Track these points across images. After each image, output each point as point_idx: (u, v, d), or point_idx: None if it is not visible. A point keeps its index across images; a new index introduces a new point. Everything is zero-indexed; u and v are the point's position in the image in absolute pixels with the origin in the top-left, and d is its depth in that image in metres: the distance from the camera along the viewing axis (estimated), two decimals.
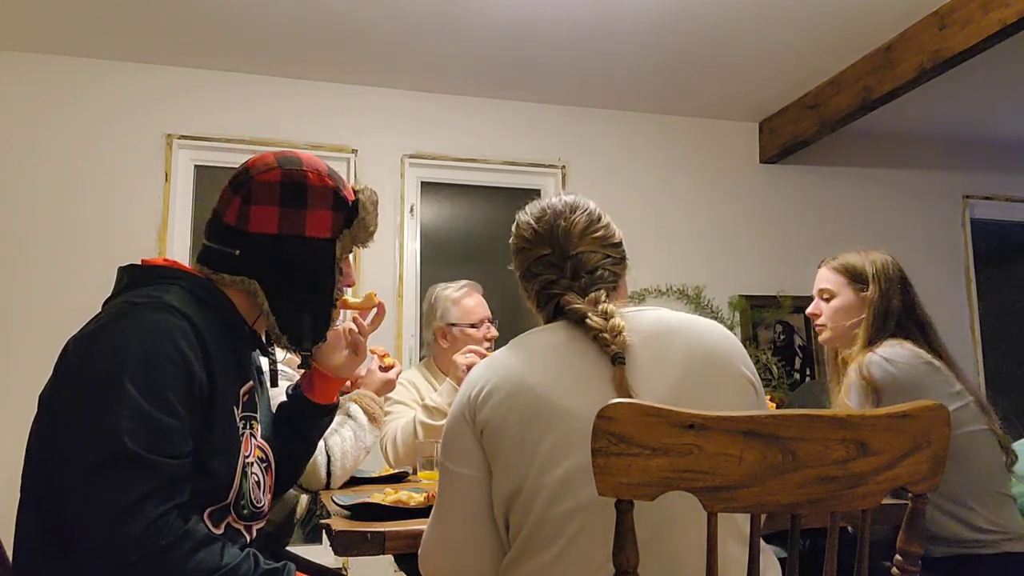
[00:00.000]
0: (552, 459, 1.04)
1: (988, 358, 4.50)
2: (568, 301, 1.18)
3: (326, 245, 1.32)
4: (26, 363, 3.22)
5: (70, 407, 1.10)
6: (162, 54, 3.50)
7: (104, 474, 1.04)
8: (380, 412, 1.91)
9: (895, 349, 1.87)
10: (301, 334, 1.32)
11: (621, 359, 1.08)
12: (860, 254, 2.06)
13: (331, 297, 1.34)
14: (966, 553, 1.76)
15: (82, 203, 3.43)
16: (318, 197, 1.31)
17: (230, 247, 1.28)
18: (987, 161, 4.70)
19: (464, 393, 1.15)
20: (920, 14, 3.19)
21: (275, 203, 1.28)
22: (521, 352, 1.16)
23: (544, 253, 1.24)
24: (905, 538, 1.01)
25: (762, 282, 4.18)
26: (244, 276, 1.28)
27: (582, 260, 1.22)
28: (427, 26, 3.25)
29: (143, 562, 1.03)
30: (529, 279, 1.27)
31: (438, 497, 1.17)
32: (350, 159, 3.78)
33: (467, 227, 4.09)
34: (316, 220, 1.30)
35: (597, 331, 1.11)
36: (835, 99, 3.73)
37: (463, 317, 2.51)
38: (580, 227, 1.24)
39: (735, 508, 0.87)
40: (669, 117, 4.24)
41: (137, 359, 1.09)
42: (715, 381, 1.11)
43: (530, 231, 1.26)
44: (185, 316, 1.17)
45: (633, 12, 3.15)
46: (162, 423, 1.08)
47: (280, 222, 1.28)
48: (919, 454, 0.94)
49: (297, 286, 1.31)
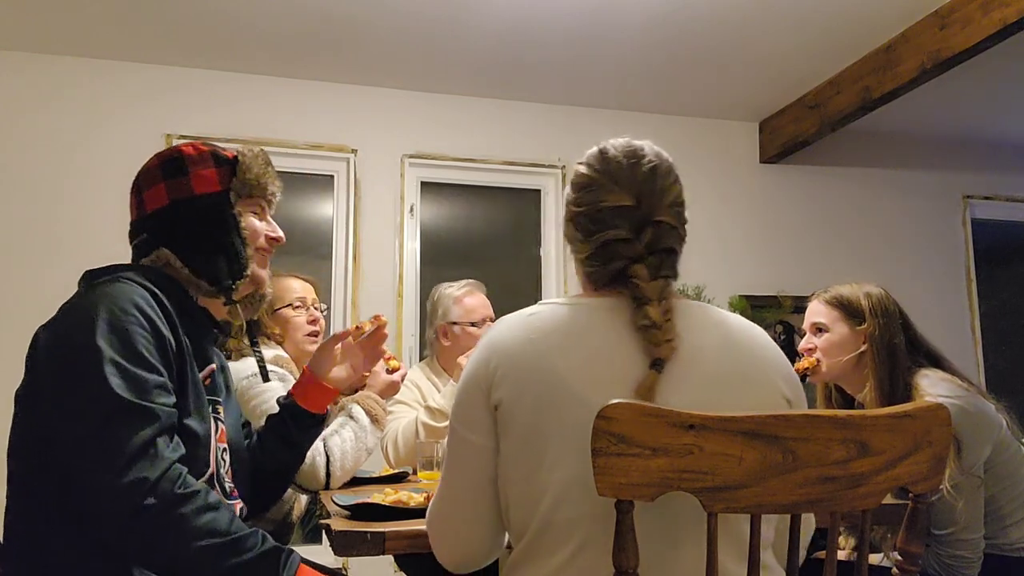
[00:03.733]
0: (560, 458, 0.98)
1: (988, 358, 4.50)
2: (636, 273, 1.04)
3: (218, 197, 1.38)
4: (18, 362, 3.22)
5: (55, 382, 1.13)
6: (161, 54, 3.50)
7: (108, 426, 1.07)
8: (383, 413, 1.90)
9: (938, 387, 1.81)
10: (219, 274, 1.36)
11: (660, 366, 0.98)
12: (853, 287, 1.99)
13: (239, 241, 1.38)
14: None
15: (81, 203, 3.42)
16: (195, 161, 1.38)
17: (140, 234, 1.37)
18: (987, 161, 4.70)
19: (481, 362, 1.06)
20: (920, 14, 3.19)
21: (160, 180, 1.37)
22: (553, 323, 1.04)
23: (625, 204, 1.07)
24: (905, 538, 1.01)
25: (762, 282, 4.18)
26: (156, 250, 1.34)
27: (662, 233, 1.07)
28: (427, 26, 3.25)
29: (156, 507, 1.04)
30: (591, 224, 1.09)
31: (446, 458, 1.13)
32: (350, 159, 3.78)
33: (467, 227, 4.09)
34: (200, 179, 1.37)
35: (650, 325, 1.00)
36: (835, 99, 3.72)
37: (464, 315, 2.52)
38: (673, 194, 1.09)
39: (735, 508, 0.87)
40: (669, 117, 4.24)
41: (106, 324, 1.14)
42: (744, 401, 1.00)
43: (616, 168, 1.09)
44: (142, 286, 1.23)
45: (633, 12, 3.15)
46: (144, 377, 1.13)
47: (168, 193, 1.36)
48: (919, 454, 0.94)
49: (202, 238, 1.36)
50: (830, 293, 2.00)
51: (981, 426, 1.77)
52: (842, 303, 1.97)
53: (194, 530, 1.07)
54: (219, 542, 1.08)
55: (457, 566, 1.17)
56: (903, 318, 1.94)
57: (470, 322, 2.50)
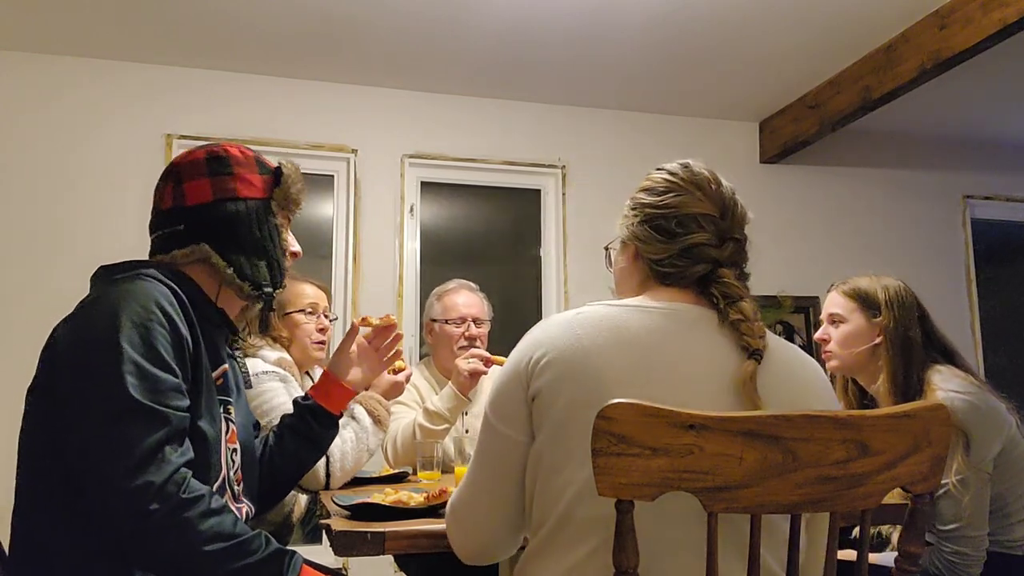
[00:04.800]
0: (589, 456, 0.97)
1: (988, 358, 4.50)
2: (725, 275, 1.09)
3: (261, 204, 1.39)
4: (20, 361, 3.22)
5: (72, 378, 1.13)
6: (162, 54, 3.50)
7: (119, 426, 1.07)
8: (385, 414, 1.90)
9: (951, 383, 1.81)
10: (259, 279, 1.37)
11: (760, 356, 1.02)
12: (872, 279, 1.98)
13: (279, 248, 1.40)
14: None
15: (81, 203, 3.42)
16: (241, 164, 1.39)
17: (175, 225, 1.34)
18: (987, 161, 4.70)
19: (525, 353, 1.07)
20: (920, 14, 3.19)
21: (204, 175, 1.36)
22: (603, 323, 1.06)
23: (710, 212, 1.12)
24: (905, 538, 1.01)
25: (762, 282, 4.14)
26: (194, 244, 1.33)
27: (740, 251, 1.15)
28: (427, 26, 3.25)
29: (161, 511, 1.05)
30: (677, 227, 1.12)
31: (477, 448, 1.14)
32: (350, 159, 3.78)
33: (467, 227, 4.09)
34: (245, 183, 1.38)
35: (743, 319, 1.05)
36: (835, 99, 3.72)
37: (442, 313, 2.51)
38: (747, 218, 1.17)
39: (735, 508, 0.87)
40: (669, 117, 4.24)
41: (129, 322, 1.14)
42: (814, 403, 1.05)
43: (702, 180, 1.15)
44: (164, 283, 1.23)
45: (633, 12, 3.15)
46: (160, 378, 1.13)
47: (213, 189, 1.35)
48: (919, 454, 0.94)
49: (244, 239, 1.36)
50: (849, 284, 2.01)
51: (992, 423, 1.78)
52: (859, 295, 1.97)
53: (199, 534, 1.07)
54: (224, 546, 1.09)
55: (472, 556, 1.18)
56: (921, 311, 1.94)
57: (445, 319, 2.49)
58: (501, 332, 2.66)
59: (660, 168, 1.19)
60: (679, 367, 1.03)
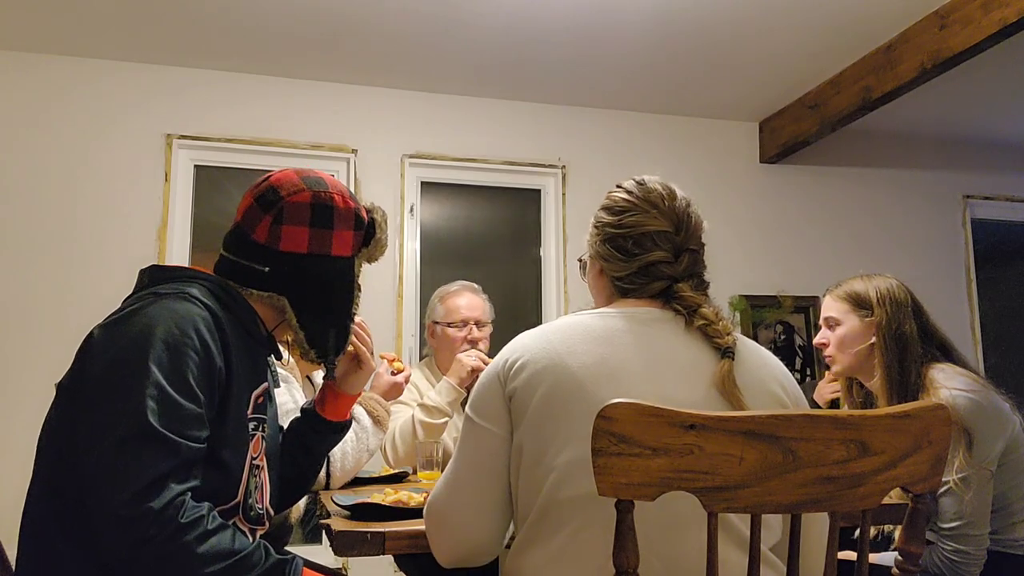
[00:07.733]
0: (568, 442, 1.03)
1: (988, 358, 4.50)
2: (682, 290, 1.16)
3: (348, 263, 1.40)
4: (25, 360, 3.23)
5: (95, 388, 1.12)
6: (162, 54, 3.50)
7: (129, 450, 1.06)
8: (385, 415, 1.90)
9: (954, 380, 1.82)
10: (327, 347, 1.39)
11: (732, 354, 1.09)
12: (864, 280, 2.01)
13: (351, 312, 1.43)
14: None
15: (82, 203, 3.42)
16: (343, 218, 1.38)
17: (259, 263, 1.33)
18: (987, 161, 4.70)
19: (501, 358, 1.15)
20: (920, 14, 3.19)
21: (305, 224, 1.34)
22: (572, 333, 1.12)
23: (665, 229, 1.19)
24: (905, 538, 1.01)
25: (762, 282, 4.17)
26: (273, 292, 1.33)
27: (697, 260, 1.21)
28: (427, 26, 3.25)
29: (159, 537, 1.04)
30: (634, 246, 1.19)
31: (457, 446, 1.17)
32: (350, 159, 3.78)
33: (467, 227, 4.09)
34: (341, 240, 1.38)
35: (708, 323, 1.12)
36: (835, 99, 3.72)
37: (445, 316, 2.51)
38: (701, 228, 1.23)
39: (735, 508, 0.87)
40: (669, 117, 4.24)
41: (162, 344, 1.13)
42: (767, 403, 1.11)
43: (657, 197, 1.21)
44: (207, 307, 1.22)
45: (633, 12, 3.15)
46: (183, 407, 1.11)
47: (310, 242, 1.34)
48: (919, 454, 0.94)
49: (323, 302, 1.37)
50: (842, 288, 2.04)
51: (996, 421, 1.78)
52: (852, 296, 2.00)
53: (199, 557, 1.06)
54: (224, 565, 1.08)
55: (456, 559, 1.18)
56: (915, 307, 1.95)
57: (448, 322, 2.50)
58: (501, 332, 2.66)
59: (619, 186, 1.26)
60: (649, 360, 1.09)
